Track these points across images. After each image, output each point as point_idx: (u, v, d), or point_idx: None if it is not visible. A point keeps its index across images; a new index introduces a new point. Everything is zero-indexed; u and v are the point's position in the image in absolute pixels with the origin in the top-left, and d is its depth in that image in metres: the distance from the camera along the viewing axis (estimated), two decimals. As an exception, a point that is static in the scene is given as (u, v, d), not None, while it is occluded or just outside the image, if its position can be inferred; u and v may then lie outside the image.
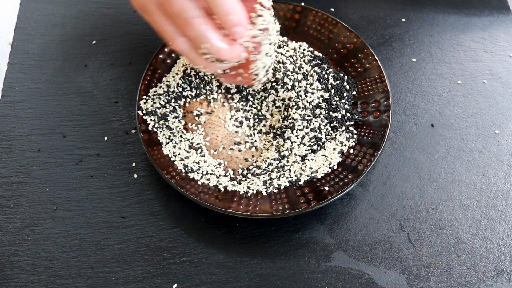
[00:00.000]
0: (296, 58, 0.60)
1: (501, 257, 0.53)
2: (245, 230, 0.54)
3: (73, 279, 0.51)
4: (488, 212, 0.55)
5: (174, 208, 0.55)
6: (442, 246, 0.53)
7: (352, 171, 0.54)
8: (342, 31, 0.62)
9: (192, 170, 0.55)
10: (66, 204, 0.55)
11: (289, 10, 0.64)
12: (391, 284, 0.51)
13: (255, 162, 0.56)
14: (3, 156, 0.58)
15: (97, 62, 0.65)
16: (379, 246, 0.53)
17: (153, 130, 0.56)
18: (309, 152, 0.56)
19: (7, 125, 0.60)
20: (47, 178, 0.57)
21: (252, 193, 0.54)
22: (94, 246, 0.53)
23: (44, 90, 0.63)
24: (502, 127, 0.61)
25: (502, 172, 0.58)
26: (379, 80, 0.59)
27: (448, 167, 0.58)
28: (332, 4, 0.70)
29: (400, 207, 0.56)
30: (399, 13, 0.70)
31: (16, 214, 0.54)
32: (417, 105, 0.63)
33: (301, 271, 0.52)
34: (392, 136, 0.60)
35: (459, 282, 0.51)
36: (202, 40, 0.43)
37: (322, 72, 0.60)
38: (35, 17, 0.69)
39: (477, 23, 0.70)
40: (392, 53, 0.67)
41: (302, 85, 0.58)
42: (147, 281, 0.51)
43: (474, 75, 0.65)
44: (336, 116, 0.57)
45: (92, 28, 0.68)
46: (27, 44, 0.66)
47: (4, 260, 0.52)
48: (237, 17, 0.43)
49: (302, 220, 0.55)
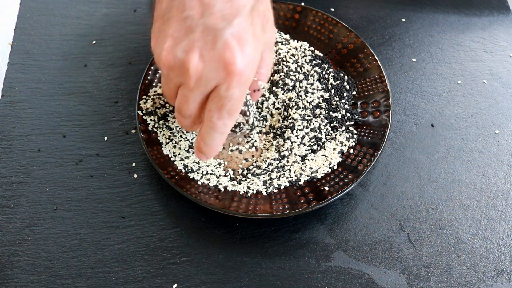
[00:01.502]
0: (297, 57, 0.60)
1: (501, 257, 0.53)
2: (245, 230, 0.54)
3: (73, 279, 0.51)
4: (488, 212, 0.55)
5: (174, 208, 0.55)
6: (442, 246, 0.53)
7: (352, 171, 0.54)
8: (342, 31, 0.62)
9: (192, 170, 0.55)
10: (66, 204, 0.55)
11: (289, 10, 0.64)
12: (391, 284, 0.51)
13: (255, 162, 0.56)
14: (3, 156, 0.58)
15: (97, 62, 0.65)
16: (379, 246, 0.53)
17: (153, 130, 0.56)
18: (309, 152, 0.56)
19: (7, 125, 0.60)
20: (47, 178, 0.57)
21: (252, 193, 0.54)
22: (94, 246, 0.53)
23: (44, 90, 0.63)
24: (502, 127, 0.61)
25: (502, 172, 0.58)
26: (379, 80, 0.59)
27: (448, 167, 0.58)
28: (332, 4, 0.70)
29: (400, 207, 0.56)
30: (399, 13, 0.70)
31: (16, 214, 0.54)
32: (417, 105, 0.63)
33: (301, 271, 0.52)
34: (392, 136, 0.60)
35: (459, 282, 0.51)
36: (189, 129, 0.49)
37: (323, 72, 0.60)
38: (35, 17, 0.69)
39: (477, 23, 0.70)
40: (392, 53, 0.67)
41: (302, 85, 0.58)
42: (147, 281, 0.51)
43: (474, 75, 0.65)
44: (336, 116, 0.57)
45: (92, 28, 0.68)
46: (27, 44, 0.66)
47: (4, 260, 0.52)
48: (208, 153, 0.48)
49: (302, 220, 0.55)
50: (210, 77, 0.43)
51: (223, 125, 0.45)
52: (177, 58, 0.43)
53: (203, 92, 0.44)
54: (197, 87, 0.44)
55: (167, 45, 0.43)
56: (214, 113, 0.44)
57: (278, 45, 0.61)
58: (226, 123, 0.45)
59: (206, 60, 0.42)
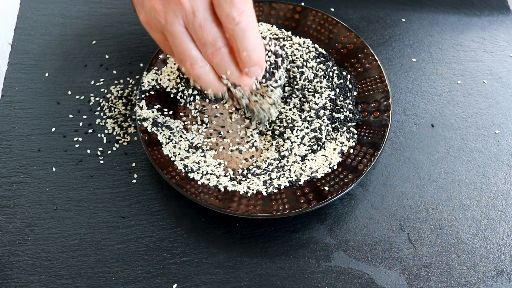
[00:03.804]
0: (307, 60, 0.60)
1: (501, 257, 0.53)
2: (245, 230, 0.54)
3: (73, 279, 0.51)
4: (488, 212, 0.55)
5: (174, 208, 0.55)
6: (442, 246, 0.53)
7: (352, 171, 0.54)
8: (342, 31, 0.62)
9: (192, 170, 0.55)
10: (66, 204, 0.55)
11: (289, 10, 0.64)
12: (391, 284, 0.51)
13: (255, 162, 0.56)
14: (3, 156, 0.58)
15: (97, 62, 0.65)
16: (379, 246, 0.53)
17: (152, 130, 0.56)
18: (309, 152, 0.55)
19: (7, 125, 0.60)
20: (47, 178, 0.57)
21: (252, 193, 0.54)
22: (94, 246, 0.53)
23: (44, 90, 0.63)
24: (502, 127, 0.61)
25: (502, 172, 0.58)
26: (379, 80, 0.59)
27: (448, 167, 0.58)
28: (332, 4, 0.70)
29: (400, 207, 0.56)
30: (399, 13, 0.70)
31: (16, 214, 0.54)
32: (417, 105, 0.63)
33: (301, 271, 0.52)
34: (392, 136, 0.60)
35: (459, 282, 0.51)
36: (225, 68, 0.47)
37: (327, 69, 0.59)
38: (35, 17, 0.69)
39: (477, 23, 0.70)
40: (392, 53, 0.67)
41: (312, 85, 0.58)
42: (147, 281, 0.51)
43: (474, 75, 0.65)
44: (338, 117, 0.57)
45: (92, 28, 0.68)
46: (27, 44, 0.66)
47: (4, 260, 0.52)
48: (258, 57, 0.47)
49: (302, 220, 0.55)
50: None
51: (246, 17, 0.44)
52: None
53: (205, 7, 0.45)
54: (197, 8, 0.44)
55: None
56: (232, 10, 0.44)
57: (281, 41, 0.61)
58: (247, 13, 0.45)
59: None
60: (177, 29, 0.46)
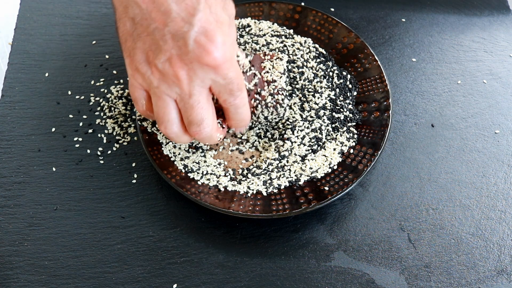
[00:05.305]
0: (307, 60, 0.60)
1: (501, 257, 0.53)
2: (245, 230, 0.54)
3: (73, 279, 0.51)
4: (488, 212, 0.55)
5: (174, 208, 0.55)
6: (442, 246, 0.53)
7: (352, 171, 0.54)
8: (342, 31, 0.62)
9: (192, 170, 0.55)
10: (66, 204, 0.55)
11: (289, 10, 0.64)
12: (391, 284, 0.51)
13: (255, 162, 0.56)
14: (3, 156, 0.58)
15: (97, 62, 0.65)
16: (379, 246, 0.53)
17: (152, 130, 0.56)
18: (309, 152, 0.55)
19: (7, 125, 0.60)
20: (47, 178, 0.57)
21: (252, 193, 0.54)
22: (94, 246, 0.53)
23: (44, 90, 0.63)
24: (502, 127, 0.61)
25: (502, 172, 0.58)
26: (379, 80, 0.59)
27: (448, 167, 0.58)
28: (332, 4, 0.70)
29: (400, 207, 0.56)
30: (399, 13, 0.70)
31: (16, 214, 0.54)
32: (417, 105, 0.63)
33: (301, 271, 0.52)
34: (392, 136, 0.60)
35: (459, 282, 0.51)
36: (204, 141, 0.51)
37: (327, 69, 0.60)
38: (35, 17, 0.69)
39: (477, 23, 0.70)
40: (392, 53, 0.67)
41: (312, 85, 0.58)
42: (147, 281, 0.51)
43: (474, 75, 0.65)
44: (338, 117, 0.57)
45: (92, 28, 0.68)
46: (27, 44, 0.66)
47: (4, 260, 0.52)
48: (244, 125, 0.52)
49: (302, 220, 0.55)
50: (200, 76, 0.45)
51: (241, 99, 0.49)
52: (164, 70, 0.44)
53: (203, 90, 0.46)
54: (193, 89, 0.45)
55: (148, 60, 0.45)
56: (230, 98, 0.48)
57: (282, 38, 0.61)
58: (242, 96, 0.49)
59: (187, 63, 0.44)
60: (166, 97, 0.46)
